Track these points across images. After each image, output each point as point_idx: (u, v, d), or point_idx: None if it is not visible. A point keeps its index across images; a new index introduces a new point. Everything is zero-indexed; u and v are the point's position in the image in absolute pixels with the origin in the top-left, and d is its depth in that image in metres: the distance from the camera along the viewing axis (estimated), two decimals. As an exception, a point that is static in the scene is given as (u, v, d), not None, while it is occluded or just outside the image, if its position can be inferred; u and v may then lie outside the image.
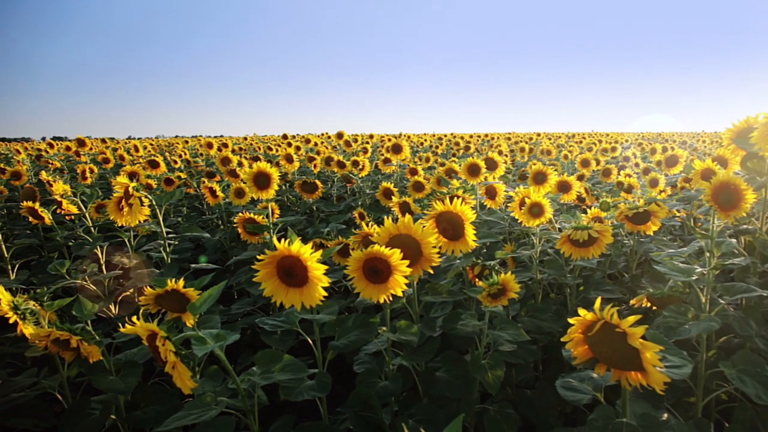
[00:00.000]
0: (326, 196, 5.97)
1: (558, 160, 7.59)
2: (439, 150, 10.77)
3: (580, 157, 6.07)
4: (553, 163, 6.82)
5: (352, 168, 5.45)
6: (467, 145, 10.15)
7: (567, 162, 7.49)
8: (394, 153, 5.32)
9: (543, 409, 2.23)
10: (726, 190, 1.95)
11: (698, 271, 1.91)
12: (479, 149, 10.31)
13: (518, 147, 8.86)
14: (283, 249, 1.39)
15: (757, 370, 1.82)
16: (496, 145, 10.04)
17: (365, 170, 5.43)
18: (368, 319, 1.92)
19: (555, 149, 8.27)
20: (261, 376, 1.54)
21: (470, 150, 9.63)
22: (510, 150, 9.82)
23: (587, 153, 7.52)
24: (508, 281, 1.90)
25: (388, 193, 4.00)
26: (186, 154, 8.98)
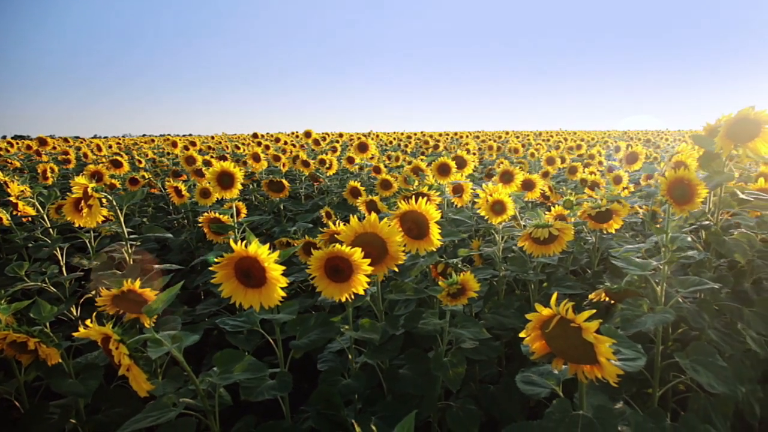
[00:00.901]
0: (294, 195, 5.94)
1: (525, 158, 7.69)
2: (408, 148, 10.80)
3: (546, 155, 6.16)
4: (520, 161, 6.91)
5: (318, 167, 5.44)
6: (436, 143, 10.20)
7: (534, 160, 7.60)
8: (360, 152, 5.32)
9: (506, 404, 2.26)
10: (680, 185, 2.01)
11: (653, 265, 1.96)
12: (448, 148, 10.37)
13: (486, 145, 8.96)
14: (240, 250, 1.39)
15: (710, 360, 1.89)
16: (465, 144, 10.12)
17: (332, 169, 5.42)
18: (330, 317, 1.93)
19: (522, 148, 8.38)
20: (220, 376, 1.54)
21: (439, 149, 9.69)
22: (478, 148, 9.91)
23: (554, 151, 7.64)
24: (468, 280, 1.93)
25: (355, 191, 4.00)
26: (151, 153, 8.84)
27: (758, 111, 1.95)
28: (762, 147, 2.00)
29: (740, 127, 1.98)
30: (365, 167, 5.70)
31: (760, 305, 2.27)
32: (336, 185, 5.79)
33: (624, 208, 2.57)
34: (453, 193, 3.08)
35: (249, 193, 6.00)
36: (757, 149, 2.00)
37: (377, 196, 3.34)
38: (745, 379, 2.23)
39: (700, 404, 2.14)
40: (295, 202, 5.49)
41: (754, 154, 2.02)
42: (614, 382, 1.28)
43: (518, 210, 2.62)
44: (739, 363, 2.28)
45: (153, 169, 7.38)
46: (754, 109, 1.96)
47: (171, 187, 4.28)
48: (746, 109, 1.97)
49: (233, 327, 1.88)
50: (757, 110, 1.95)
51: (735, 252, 2.12)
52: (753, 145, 2.01)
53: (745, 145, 2.02)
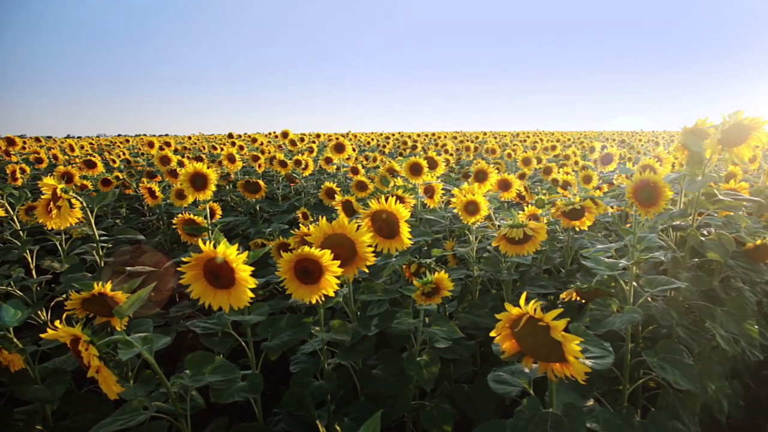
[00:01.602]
0: (271, 195, 5.90)
1: (502, 158, 7.74)
2: (386, 149, 10.81)
3: (522, 156, 6.21)
4: (497, 162, 6.95)
5: (295, 167, 5.42)
6: (414, 144, 10.22)
7: (510, 160, 7.65)
8: (337, 152, 5.31)
9: (480, 403, 2.27)
10: (646, 187, 2.04)
11: (622, 264, 1.99)
12: (426, 148, 10.40)
13: (464, 146, 9.00)
14: (208, 251, 1.37)
15: (677, 358, 1.92)
16: (443, 144, 10.16)
17: (309, 170, 5.40)
18: (302, 319, 1.92)
19: (499, 148, 8.43)
20: (191, 378, 1.52)
21: (417, 149, 9.71)
22: (456, 149, 9.95)
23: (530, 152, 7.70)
24: (442, 280, 1.93)
25: (330, 192, 4.00)
26: (126, 153, 8.71)
27: (752, 117, 1.99)
28: (746, 152, 2.04)
29: (732, 132, 2.03)
30: (342, 168, 5.69)
31: (731, 304, 2.32)
32: (313, 186, 5.77)
33: (598, 206, 2.60)
34: (424, 193, 3.09)
35: (225, 194, 5.95)
36: (741, 154, 2.05)
37: (353, 197, 3.34)
38: (713, 376, 2.28)
39: (668, 401, 2.17)
40: (271, 202, 5.46)
41: (738, 158, 2.07)
42: (582, 380, 1.30)
43: (493, 210, 2.64)
44: (707, 360, 2.33)
45: (128, 169, 7.28)
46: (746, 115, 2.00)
47: (145, 188, 4.23)
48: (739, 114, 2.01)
49: (204, 329, 1.86)
50: (749, 117, 1.99)
51: (710, 251, 2.16)
52: (738, 150, 2.05)
53: (731, 149, 2.07)
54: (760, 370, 3.01)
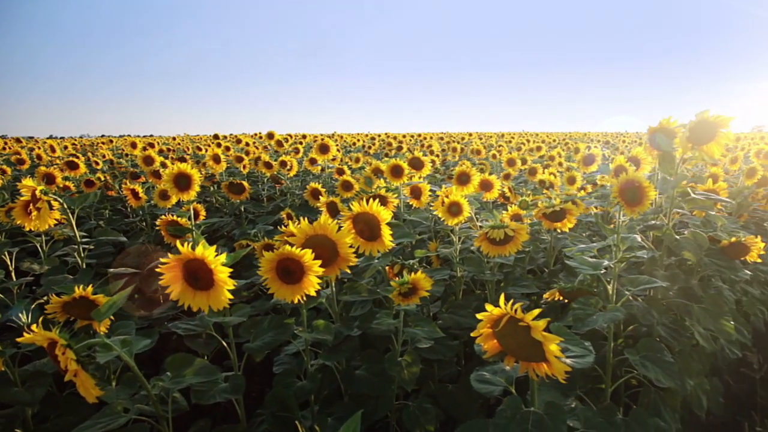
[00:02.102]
0: (256, 196, 5.88)
1: (487, 159, 7.78)
2: (371, 150, 10.81)
3: (507, 157, 6.24)
4: (482, 163, 6.98)
5: (279, 168, 5.40)
6: (399, 145, 10.24)
7: (495, 161, 7.69)
8: (321, 153, 5.30)
9: (465, 403, 2.28)
10: (631, 187, 2.06)
11: (605, 264, 2.01)
12: (412, 149, 10.42)
13: (450, 147, 9.03)
14: (187, 252, 1.37)
15: (658, 356, 1.95)
16: (428, 145, 10.19)
17: (293, 170, 5.39)
18: (284, 319, 1.92)
19: (485, 149, 8.47)
20: (172, 380, 1.51)
21: (402, 150, 9.72)
22: (442, 150, 9.98)
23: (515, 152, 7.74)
24: (419, 280, 1.94)
25: (316, 193, 3.99)
26: (110, 154, 8.63)
27: (716, 115, 2.02)
28: (716, 150, 2.07)
29: (698, 131, 2.05)
30: (327, 169, 5.69)
31: (708, 302, 2.35)
32: (298, 187, 5.75)
33: (578, 207, 2.62)
34: (410, 194, 3.10)
35: (210, 195, 5.92)
36: (712, 152, 2.08)
37: (338, 198, 3.34)
38: (692, 373, 2.30)
39: (650, 398, 2.20)
40: (256, 204, 5.44)
41: (709, 156, 2.09)
42: (563, 379, 1.31)
43: (475, 211, 2.65)
44: (687, 357, 2.36)
45: (111, 170, 7.22)
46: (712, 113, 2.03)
47: (128, 189, 4.19)
48: (705, 113, 2.04)
49: (186, 330, 1.85)
50: (715, 114, 2.02)
51: (685, 249, 2.19)
52: (708, 148, 2.08)
53: (701, 147, 2.09)
54: (739, 368, 3.06)
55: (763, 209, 4.48)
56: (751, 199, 4.35)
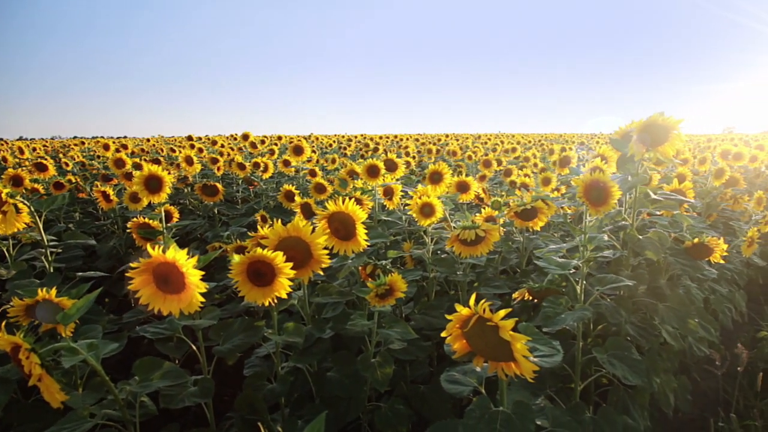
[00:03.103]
0: (231, 198, 5.83)
1: (463, 160, 7.82)
2: (348, 151, 10.79)
3: (483, 158, 6.28)
4: (458, 164, 7.02)
5: (254, 170, 5.37)
6: (376, 146, 10.24)
7: (471, 162, 7.73)
8: (296, 155, 5.28)
9: (436, 404, 2.29)
10: (596, 187, 2.09)
11: (573, 264, 2.04)
12: (388, 150, 10.43)
13: (426, 148, 9.06)
14: (157, 256, 1.35)
15: (625, 354, 1.98)
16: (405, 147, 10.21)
17: (268, 172, 5.36)
18: (254, 322, 1.91)
19: (460, 150, 8.51)
20: (140, 384, 1.49)
21: (379, 151, 9.72)
22: (418, 151, 10.01)
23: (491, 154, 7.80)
24: (395, 281, 1.94)
25: (289, 195, 3.97)
26: (81, 156, 8.48)
27: (666, 117, 2.06)
28: (670, 151, 2.11)
29: (650, 132, 2.09)
30: (302, 170, 5.66)
31: (674, 300, 2.39)
32: (273, 189, 5.72)
33: (550, 207, 2.65)
34: (384, 195, 3.10)
35: (183, 197, 5.86)
36: (666, 153, 2.12)
37: (312, 199, 3.33)
38: (659, 371, 2.35)
39: (619, 396, 2.23)
40: (230, 206, 5.39)
41: (664, 157, 2.13)
42: (531, 378, 1.32)
43: (448, 212, 2.66)
44: (655, 355, 2.40)
45: (82, 172, 7.09)
46: (663, 115, 2.07)
47: (99, 191, 4.12)
48: (655, 115, 2.08)
49: (154, 334, 1.83)
50: (666, 116, 2.06)
51: (648, 249, 2.23)
52: (662, 149, 2.12)
53: (656, 149, 2.13)
54: (707, 365, 3.12)
55: (731, 209, 4.59)
56: (719, 200, 4.45)
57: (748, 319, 4.04)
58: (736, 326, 3.78)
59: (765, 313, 4.17)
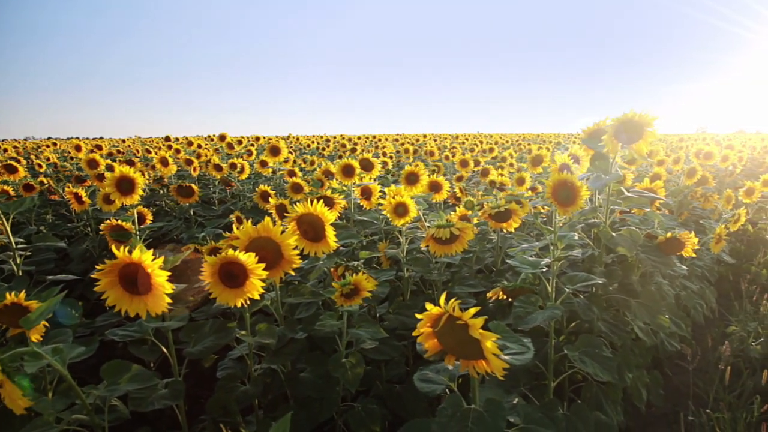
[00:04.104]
0: (207, 199, 5.79)
1: (440, 161, 7.85)
2: (326, 152, 10.76)
3: (460, 158, 6.31)
4: (436, 164, 7.04)
5: (230, 171, 5.33)
6: (354, 146, 10.23)
7: (449, 162, 7.76)
8: (272, 155, 5.26)
9: (411, 403, 2.29)
10: (564, 187, 2.11)
11: (544, 263, 2.05)
12: (366, 150, 10.42)
13: (403, 149, 9.07)
14: (124, 257, 1.34)
15: (596, 351, 2.00)
16: (383, 147, 10.22)
17: (244, 173, 5.33)
18: (225, 323, 1.90)
19: (438, 150, 8.55)
20: (107, 388, 1.47)
21: (357, 152, 9.71)
22: (396, 151, 10.02)
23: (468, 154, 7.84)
24: (360, 281, 1.95)
25: (265, 195, 3.95)
26: (54, 157, 8.33)
27: (641, 114, 2.08)
28: (644, 148, 2.14)
29: (625, 129, 2.11)
30: (279, 171, 5.64)
31: (645, 297, 2.43)
32: (249, 189, 5.69)
33: (524, 208, 2.66)
34: (361, 195, 3.10)
35: (159, 198, 5.79)
36: (640, 150, 2.14)
37: (287, 200, 3.31)
38: (631, 367, 2.38)
39: (592, 393, 2.26)
40: (206, 207, 5.35)
41: (638, 154, 2.16)
42: (501, 376, 1.33)
43: (422, 212, 2.67)
44: (628, 351, 2.44)
45: (55, 174, 6.97)
46: (638, 112, 2.09)
47: (71, 193, 4.05)
48: (630, 112, 2.10)
49: (123, 337, 1.81)
50: (639, 113, 2.08)
51: (621, 246, 2.26)
52: (637, 146, 2.14)
53: (630, 146, 2.16)
54: (679, 360, 3.18)
55: (702, 207, 4.68)
56: (690, 198, 4.53)
57: (718, 314, 4.13)
58: (708, 322, 3.86)
59: (734, 309, 4.26)
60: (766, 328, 3.69)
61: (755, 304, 4.29)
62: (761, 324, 3.76)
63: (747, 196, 4.70)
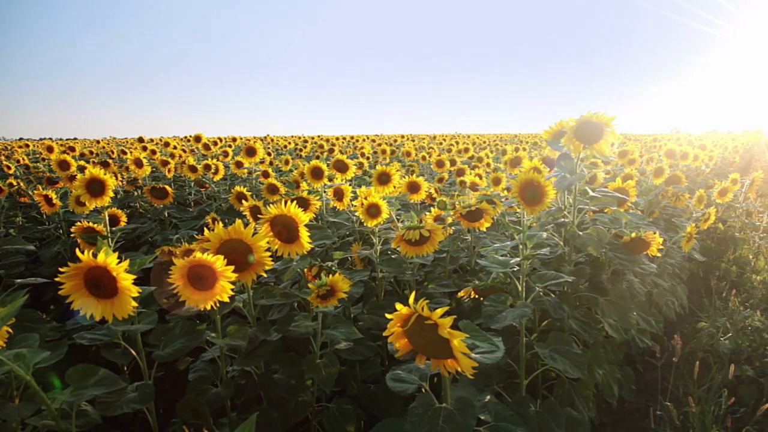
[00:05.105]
0: (183, 201, 5.74)
1: (417, 161, 7.88)
2: (303, 153, 10.74)
3: (436, 159, 6.34)
4: (412, 165, 7.07)
5: (205, 172, 5.29)
6: (332, 147, 10.21)
7: (425, 163, 7.79)
8: (248, 156, 5.23)
9: (386, 402, 2.30)
10: (531, 187, 2.14)
11: (514, 262, 2.08)
12: (343, 151, 10.42)
13: (381, 149, 9.09)
14: (88, 260, 1.33)
15: (566, 348, 2.03)
16: (360, 147, 10.21)
17: (219, 174, 5.29)
18: (195, 326, 1.89)
19: (415, 151, 8.58)
20: (73, 393, 1.45)
21: (334, 153, 9.70)
22: (373, 152, 10.03)
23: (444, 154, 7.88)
24: (337, 282, 1.95)
25: (240, 197, 3.93)
26: (26, 159, 8.19)
27: (600, 114, 2.11)
28: (605, 148, 2.17)
29: (585, 130, 2.15)
30: (255, 172, 5.61)
31: (614, 294, 2.47)
32: (225, 191, 5.66)
33: (497, 207, 2.69)
34: (333, 196, 3.10)
35: (133, 200, 5.72)
36: (602, 150, 2.18)
37: (262, 201, 3.30)
38: (601, 362, 2.41)
39: (564, 389, 2.29)
40: (181, 208, 5.30)
41: (600, 154, 2.19)
42: (470, 375, 1.35)
43: (395, 212, 2.68)
44: (599, 348, 2.47)
45: (26, 176, 6.85)
46: (596, 113, 2.12)
47: (40, 195, 3.99)
48: (588, 114, 2.13)
49: (91, 341, 1.79)
50: (599, 114, 2.12)
51: (588, 245, 2.29)
52: (598, 147, 2.18)
53: (592, 146, 2.19)
54: (651, 358, 3.23)
55: (673, 206, 4.76)
56: (661, 197, 4.61)
57: (689, 311, 4.21)
58: (679, 318, 3.94)
59: (705, 305, 4.34)
60: (734, 323, 3.77)
61: (725, 300, 4.39)
62: (730, 319, 3.84)
63: (720, 197, 4.81)
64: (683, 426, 2.73)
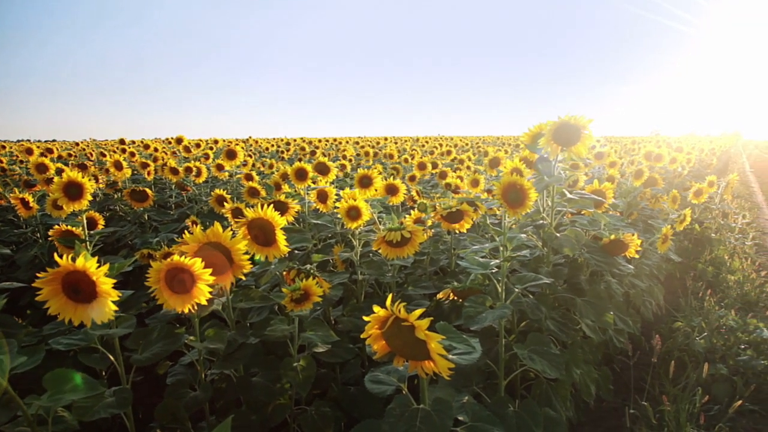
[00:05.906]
0: (164, 204, 5.70)
1: (399, 163, 7.90)
2: (286, 155, 10.72)
3: (418, 161, 6.36)
4: (395, 167, 7.08)
5: (186, 175, 5.26)
6: (314, 149, 10.21)
7: (408, 165, 7.82)
8: (229, 159, 5.22)
9: (366, 405, 2.31)
10: (513, 189, 2.17)
11: (493, 263, 2.10)
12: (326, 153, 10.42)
13: (364, 151, 9.10)
14: (66, 264, 1.32)
15: (544, 349, 2.05)
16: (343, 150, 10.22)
17: (201, 177, 5.26)
18: (173, 329, 1.88)
19: (397, 153, 8.60)
20: (50, 398, 1.44)
21: (316, 155, 9.69)
22: (356, 154, 10.04)
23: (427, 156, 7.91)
24: (310, 286, 1.96)
25: (221, 200, 3.92)
26: (2, 161, 8.07)
27: (577, 117, 2.15)
28: (582, 150, 2.21)
29: (563, 132, 2.18)
30: (236, 175, 5.59)
31: (591, 295, 2.50)
32: (206, 194, 5.63)
33: (478, 208, 2.71)
34: (317, 198, 3.11)
35: (113, 203, 5.67)
36: (579, 152, 2.21)
37: (243, 204, 3.30)
38: (578, 362, 2.45)
39: (542, 389, 2.32)
40: (162, 211, 5.27)
41: (577, 156, 2.23)
42: (447, 376, 1.36)
43: (377, 214, 2.69)
44: (577, 349, 2.51)
45: (2, 178, 6.75)
46: (574, 116, 2.16)
47: (17, 198, 3.93)
48: (566, 116, 2.17)
49: (67, 346, 1.78)
50: (577, 116, 2.15)
51: (565, 247, 2.33)
52: (576, 149, 2.21)
53: (569, 148, 2.22)
54: (629, 357, 3.28)
55: (651, 208, 4.84)
56: (639, 199, 4.68)
57: (666, 311, 4.28)
58: (656, 318, 4.00)
59: (681, 305, 4.42)
60: (709, 323, 3.84)
61: (700, 300, 4.47)
62: (705, 319, 3.91)
63: (695, 197, 4.90)
64: (659, 425, 2.78)
